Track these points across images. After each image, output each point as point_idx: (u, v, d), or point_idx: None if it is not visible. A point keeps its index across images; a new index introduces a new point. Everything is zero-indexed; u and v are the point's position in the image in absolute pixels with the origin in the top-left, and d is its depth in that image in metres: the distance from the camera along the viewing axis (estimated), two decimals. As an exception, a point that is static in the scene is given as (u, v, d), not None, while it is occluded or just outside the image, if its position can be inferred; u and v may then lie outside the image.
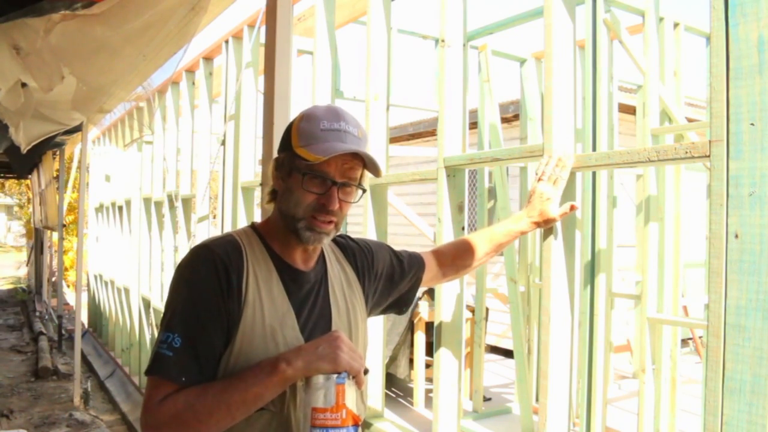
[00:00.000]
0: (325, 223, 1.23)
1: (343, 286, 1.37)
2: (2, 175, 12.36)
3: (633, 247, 4.82)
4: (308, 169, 1.19)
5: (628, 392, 5.17)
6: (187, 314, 1.15)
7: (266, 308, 1.20)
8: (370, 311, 1.50)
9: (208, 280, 1.17)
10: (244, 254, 1.22)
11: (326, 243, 1.34)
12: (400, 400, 5.07)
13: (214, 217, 5.56)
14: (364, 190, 1.26)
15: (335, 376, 1.07)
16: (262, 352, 1.16)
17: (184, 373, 1.11)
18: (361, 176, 1.26)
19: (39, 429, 4.80)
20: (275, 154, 1.33)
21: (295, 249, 1.28)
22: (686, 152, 1.48)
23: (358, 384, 1.12)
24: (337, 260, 1.41)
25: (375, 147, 2.93)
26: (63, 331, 7.80)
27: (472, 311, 4.62)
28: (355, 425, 1.08)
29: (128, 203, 6.84)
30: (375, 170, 1.24)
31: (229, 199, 4.19)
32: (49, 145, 6.46)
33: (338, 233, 1.38)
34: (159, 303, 5.49)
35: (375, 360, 2.71)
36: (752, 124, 1.27)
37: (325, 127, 1.20)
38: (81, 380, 5.68)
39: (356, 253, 1.46)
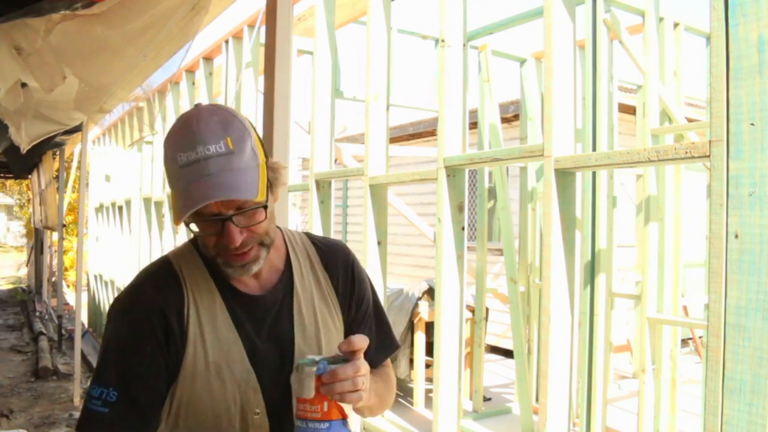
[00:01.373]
0: (242, 256, 1.05)
1: (314, 300, 1.19)
2: (1, 175, 12.36)
3: (633, 247, 4.82)
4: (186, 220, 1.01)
5: (628, 392, 5.16)
6: (122, 367, 1.05)
7: (209, 344, 1.08)
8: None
9: (143, 333, 1.06)
10: (183, 285, 1.09)
11: (299, 253, 1.21)
12: (400, 400, 5.07)
13: (214, 217, 5.55)
14: (266, 206, 1.04)
15: (314, 367, 0.99)
16: (205, 391, 1.07)
17: (124, 428, 1.03)
18: (262, 189, 1.01)
19: (39, 429, 4.80)
20: (274, 155, 1.29)
21: None
22: (686, 152, 1.48)
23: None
24: (312, 267, 1.22)
25: (375, 147, 2.93)
26: (63, 331, 7.79)
27: (472, 311, 4.62)
28: (343, 419, 1.01)
29: (128, 203, 6.84)
30: (251, 193, 0.99)
31: (229, 199, 4.18)
32: (49, 145, 6.45)
33: (304, 238, 1.24)
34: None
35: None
36: (752, 124, 1.27)
37: (182, 162, 0.98)
38: (81, 380, 5.67)
39: (338, 263, 1.25)
